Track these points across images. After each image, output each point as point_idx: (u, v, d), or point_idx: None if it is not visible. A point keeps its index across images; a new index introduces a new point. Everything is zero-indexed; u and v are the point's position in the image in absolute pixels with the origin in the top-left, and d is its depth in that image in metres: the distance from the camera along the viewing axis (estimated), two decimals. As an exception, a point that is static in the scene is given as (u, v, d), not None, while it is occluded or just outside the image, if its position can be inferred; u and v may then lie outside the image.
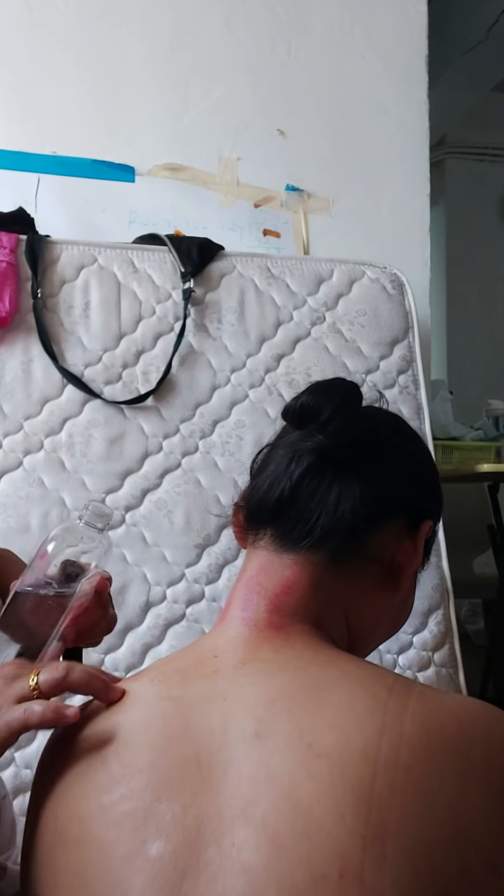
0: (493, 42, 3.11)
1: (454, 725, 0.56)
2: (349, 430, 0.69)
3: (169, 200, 1.85)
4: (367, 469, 0.70)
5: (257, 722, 0.57)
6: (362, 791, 0.52)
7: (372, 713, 0.55)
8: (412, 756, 0.53)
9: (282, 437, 0.74)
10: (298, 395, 0.72)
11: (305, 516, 0.68)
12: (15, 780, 1.28)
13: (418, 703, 0.56)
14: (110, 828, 0.57)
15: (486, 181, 4.27)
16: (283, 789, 0.53)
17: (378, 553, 0.70)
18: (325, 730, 0.55)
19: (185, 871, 0.53)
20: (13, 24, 1.82)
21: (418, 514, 0.73)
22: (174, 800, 0.56)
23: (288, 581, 0.68)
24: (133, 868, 0.54)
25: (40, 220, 1.63)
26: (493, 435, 2.45)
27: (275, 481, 0.70)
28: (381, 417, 0.77)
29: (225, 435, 1.54)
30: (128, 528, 1.46)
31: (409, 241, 1.95)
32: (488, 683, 2.59)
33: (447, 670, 1.51)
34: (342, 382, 0.74)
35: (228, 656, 0.64)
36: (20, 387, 1.47)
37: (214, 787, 0.55)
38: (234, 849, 0.52)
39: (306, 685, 0.60)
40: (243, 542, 0.74)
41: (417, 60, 2.01)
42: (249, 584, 0.69)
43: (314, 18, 1.97)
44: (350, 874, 0.50)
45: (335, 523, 0.68)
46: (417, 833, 0.51)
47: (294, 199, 1.92)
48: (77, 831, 0.58)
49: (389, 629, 0.77)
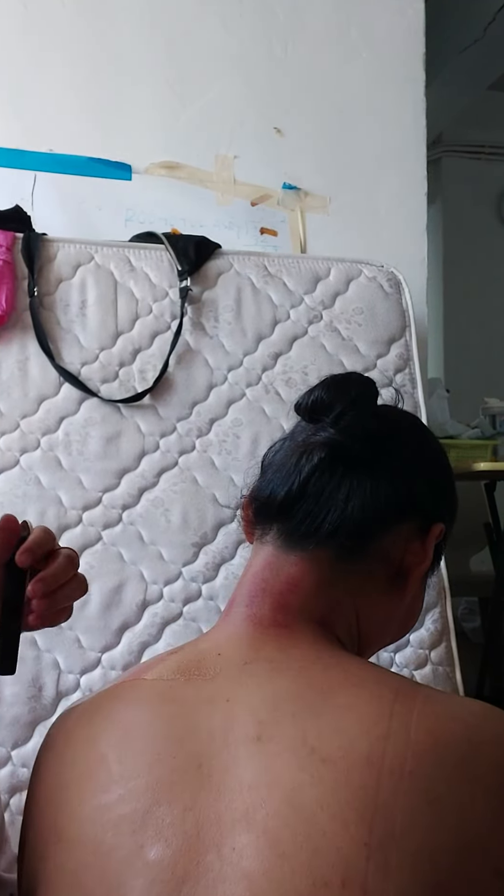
0: (489, 41, 3.11)
1: (461, 730, 0.54)
2: (362, 426, 0.67)
3: (166, 198, 1.85)
4: (379, 467, 0.68)
5: (260, 725, 0.56)
6: (366, 797, 0.51)
7: (377, 717, 0.54)
8: (418, 762, 0.52)
9: (294, 432, 0.73)
10: (312, 388, 0.71)
11: (314, 512, 0.67)
12: (12, 778, 1.28)
13: (424, 707, 0.55)
14: (108, 830, 0.56)
15: (482, 180, 4.27)
16: (286, 794, 0.52)
17: (387, 554, 0.69)
18: (328, 734, 0.54)
19: (185, 876, 0.52)
20: (9, 22, 1.81)
21: (430, 517, 0.71)
22: (173, 803, 0.55)
23: (294, 578, 0.66)
24: (131, 872, 0.53)
25: (37, 218, 1.63)
26: (489, 433, 2.46)
27: (285, 476, 0.69)
28: (396, 415, 0.76)
29: (222, 433, 1.54)
30: (125, 527, 1.46)
31: (406, 240, 1.95)
32: (485, 681, 2.60)
33: (444, 668, 1.51)
34: (358, 377, 0.73)
35: (232, 655, 0.63)
36: (16, 385, 1.47)
37: (215, 790, 0.54)
38: (234, 854, 0.51)
39: (310, 687, 0.58)
40: (251, 537, 0.72)
41: (414, 59, 2.01)
42: (254, 580, 0.67)
43: (310, 17, 1.97)
44: (353, 882, 0.49)
45: (343, 521, 0.66)
46: (423, 840, 0.50)
47: (291, 198, 1.92)
48: (74, 831, 0.58)
49: (397, 632, 0.75)
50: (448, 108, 3.55)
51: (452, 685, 1.50)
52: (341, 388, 0.70)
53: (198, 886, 0.51)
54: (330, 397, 0.69)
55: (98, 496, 1.46)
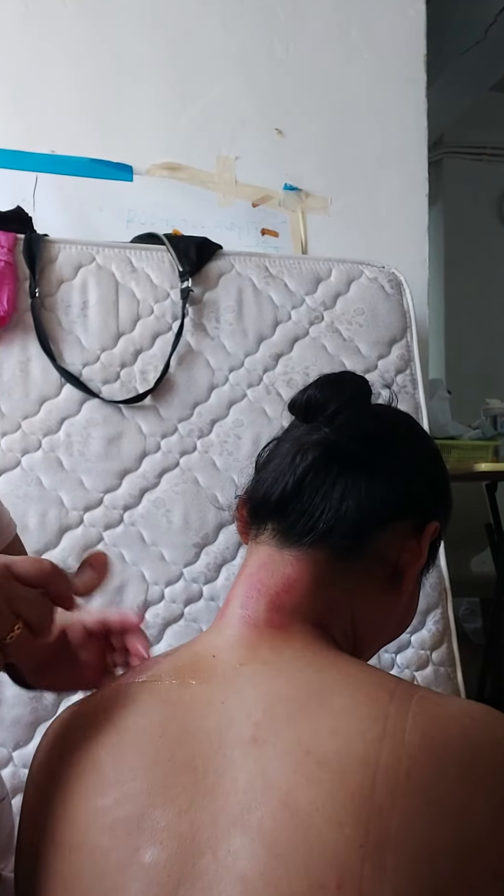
0: (490, 42, 3.11)
1: (458, 731, 0.54)
2: (357, 425, 0.67)
3: (167, 200, 1.85)
4: (374, 465, 0.68)
5: (255, 727, 0.56)
6: (362, 799, 0.50)
7: (373, 719, 0.54)
8: (414, 763, 0.51)
9: (289, 432, 0.72)
10: (306, 387, 0.70)
11: (309, 511, 0.66)
12: (13, 779, 1.28)
13: (421, 708, 0.54)
14: (104, 833, 0.55)
15: (483, 181, 4.27)
16: (281, 796, 0.52)
17: (383, 552, 0.68)
18: (324, 735, 0.54)
19: (181, 878, 0.52)
20: (10, 23, 1.81)
21: (425, 515, 0.71)
22: (168, 806, 0.54)
23: (289, 578, 0.66)
24: (127, 875, 0.53)
25: (38, 219, 1.63)
26: (490, 434, 2.45)
27: (279, 475, 0.68)
28: (390, 414, 0.75)
29: (223, 434, 1.54)
30: (126, 528, 1.46)
31: (407, 241, 1.95)
32: (486, 682, 2.59)
33: (445, 669, 1.51)
34: (352, 376, 0.72)
35: (227, 657, 0.63)
36: (18, 386, 1.47)
37: (210, 793, 0.54)
38: (229, 857, 0.51)
39: (306, 689, 0.58)
40: (246, 538, 0.72)
41: (415, 60, 2.01)
42: (250, 580, 0.67)
43: (312, 18, 1.97)
44: (349, 884, 0.48)
45: (339, 519, 0.66)
46: (419, 842, 0.50)
47: (292, 199, 1.92)
48: (70, 835, 0.57)
49: (394, 631, 0.75)
50: (449, 109, 3.55)
51: (453, 686, 1.50)
52: (335, 387, 0.70)
53: (193, 889, 0.51)
54: (324, 396, 0.69)
55: (99, 497, 1.46)
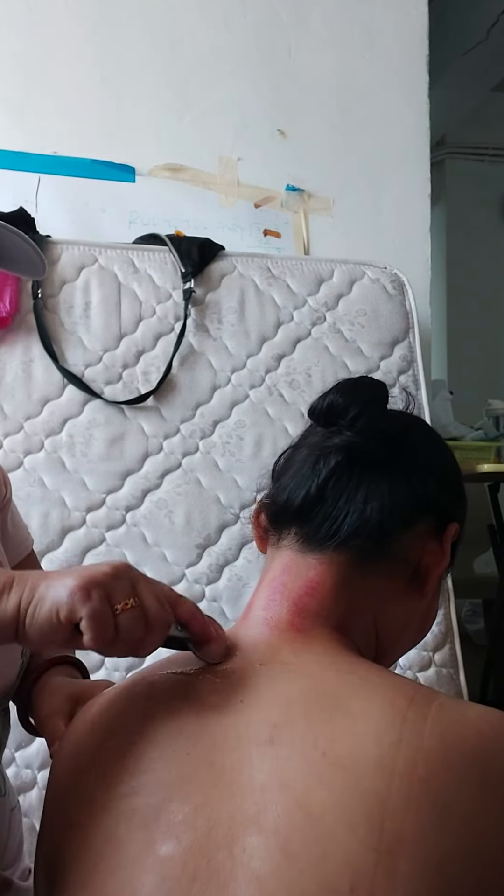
0: (493, 42, 3.11)
1: (475, 737, 0.54)
2: (378, 427, 0.68)
3: (169, 200, 1.85)
4: (395, 468, 0.68)
5: (272, 727, 0.56)
6: (377, 802, 0.51)
7: (390, 724, 0.54)
8: (429, 768, 0.52)
9: (305, 438, 0.73)
10: (325, 393, 0.71)
11: (333, 515, 0.67)
12: (15, 779, 1.28)
13: (438, 714, 0.55)
14: (119, 822, 0.56)
15: (486, 181, 4.27)
16: (296, 797, 0.52)
17: (405, 555, 0.69)
18: (340, 738, 0.54)
19: (195, 873, 0.52)
20: (13, 25, 1.82)
21: (445, 517, 0.71)
22: (185, 800, 0.55)
23: (312, 582, 0.66)
24: (143, 867, 0.54)
25: (41, 220, 1.63)
26: (493, 435, 2.45)
27: (301, 480, 0.69)
28: (407, 418, 0.76)
29: (225, 435, 1.54)
30: (128, 528, 1.46)
31: (410, 242, 1.95)
32: (489, 684, 2.59)
33: (447, 670, 1.51)
34: (370, 381, 0.73)
35: (247, 657, 0.63)
36: (20, 387, 1.47)
37: (226, 790, 0.55)
38: (244, 855, 0.51)
39: (324, 691, 0.58)
40: (263, 545, 0.73)
41: (418, 60, 2.01)
42: (273, 584, 0.68)
43: (314, 18, 1.97)
44: (361, 887, 0.49)
45: (363, 521, 0.66)
46: (433, 847, 0.50)
47: (294, 200, 1.92)
48: (85, 819, 0.58)
49: (416, 635, 0.75)
50: (452, 110, 3.55)
51: (456, 687, 1.50)
52: (355, 391, 0.70)
53: (209, 885, 0.51)
54: (345, 401, 0.69)
55: (102, 498, 1.46)
